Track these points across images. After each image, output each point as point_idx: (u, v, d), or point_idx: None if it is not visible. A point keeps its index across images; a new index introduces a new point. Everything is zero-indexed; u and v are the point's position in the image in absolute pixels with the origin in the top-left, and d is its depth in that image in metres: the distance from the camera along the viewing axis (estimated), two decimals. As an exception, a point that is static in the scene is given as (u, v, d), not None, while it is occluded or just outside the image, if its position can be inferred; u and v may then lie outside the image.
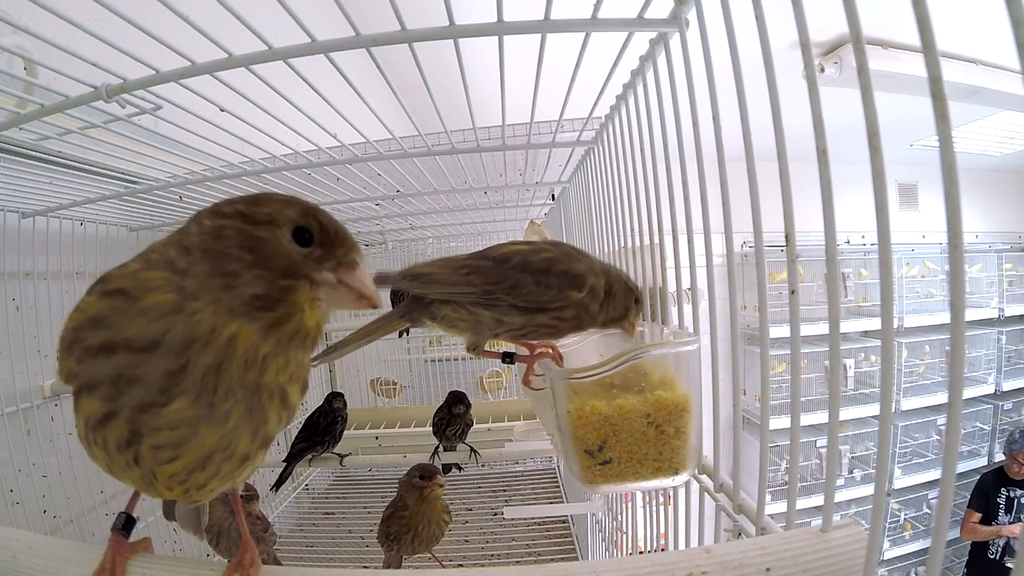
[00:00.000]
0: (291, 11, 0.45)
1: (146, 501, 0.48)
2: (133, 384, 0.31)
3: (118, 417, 0.32)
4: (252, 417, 0.34)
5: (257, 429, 0.34)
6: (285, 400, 0.35)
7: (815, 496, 3.21)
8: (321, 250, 0.33)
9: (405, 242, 1.85)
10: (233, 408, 0.33)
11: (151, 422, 0.32)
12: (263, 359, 0.32)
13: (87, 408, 0.33)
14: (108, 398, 0.32)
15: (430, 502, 0.94)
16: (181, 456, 0.33)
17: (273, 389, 0.34)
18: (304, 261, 0.32)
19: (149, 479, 0.35)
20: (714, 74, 0.44)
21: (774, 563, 0.35)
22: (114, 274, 0.34)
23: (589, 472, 0.51)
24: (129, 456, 0.33)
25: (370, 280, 0.34)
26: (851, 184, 1.19)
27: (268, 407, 0.34)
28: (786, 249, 0.38)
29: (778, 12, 0.38)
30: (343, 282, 0.33)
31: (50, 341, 0.88)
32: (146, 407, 0.32)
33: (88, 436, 0.34)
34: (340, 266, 0.34)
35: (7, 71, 0.55)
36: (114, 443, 0.33)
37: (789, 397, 0.96)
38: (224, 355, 0.31)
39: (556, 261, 0.56)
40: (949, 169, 0.26)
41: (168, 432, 0.32)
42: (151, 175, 0.82)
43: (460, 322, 0.57)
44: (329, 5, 0.46)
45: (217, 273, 0.31)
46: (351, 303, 0.33)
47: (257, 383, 0.33)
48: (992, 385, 3.82)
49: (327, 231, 0.33)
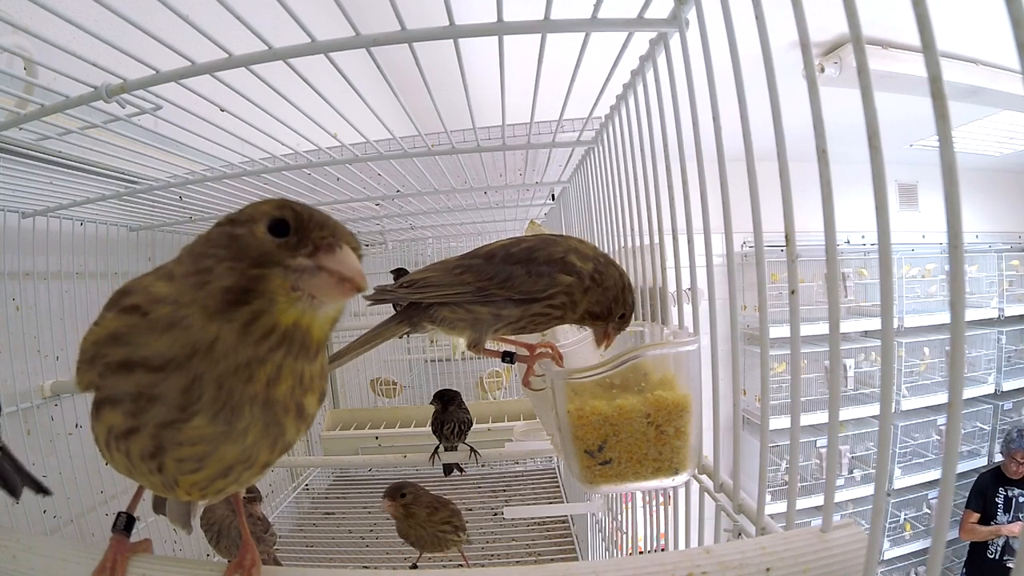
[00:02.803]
0: (291, 11, 0.45)
1: (145, 502, 0.48)
2: (154, 403, 0.31)
3: (142, 432, 0.32)
4: (270, 431, 0.33)
5: (276, 441, 0.34)
6: (302, 413, 0.34)
7: (815, 496, 3.21)
8: (297, 237, 0.31)
9: (405, 242, 1.85)
10: (251, 425, 0.32)
11: (174, 438, 0.32)
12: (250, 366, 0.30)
13: (110, 420, 0.33)
14: (131, 414, 0.32)
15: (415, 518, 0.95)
16: (204, 468, 0.34)
17: (288, 404, 0.33)
18: (277, 249, 0.30)
19: (171, 485, 0.35)
20: (714, 74, 0.44)
21: (774, 563, 0.35)
22: (132, 287, 0.34)
23: (589, 472, 0.51)
24: (153, 465, 0.34)
25: (354, 261, 0.31)
26: (851, 184, 1.19)
27: (285, 421, 0.34)
28: (786, 249, 0.38)
29: (778, 12, 0.38)
30: (322, 266, 0.30)
31: (50, 341, 0.88)
32: (168, 424, 0.32)
33: (110, 443, 0.34)
34: (318, 250, 0.31)
35: (7, 71, 0.55)
36: (138, 454, 0.33)
37: (789, 397, 0.96)
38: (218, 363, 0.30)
39: (536, 249, 0.56)
40: (949, 169, 0.26)
41: (190, 448, 0.32)
42: (151, 175, 0.82)
43: (459, 322, 0.58)
44: (329, 5, 0.46)
45: (192, 272, 0.31)
46: (332, 288, 0.30)
47: (268, 398, 0.32)
48: (992, 385, 3.81)
49: (302, 218, 0.31)
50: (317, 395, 0.35)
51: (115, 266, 1.01)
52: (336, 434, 1.50)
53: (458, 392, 1.21)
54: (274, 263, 0.30)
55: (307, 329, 0.31)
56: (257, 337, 0.30)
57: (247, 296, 0.30)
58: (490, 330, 0.58)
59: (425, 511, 0.96)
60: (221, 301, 0.30)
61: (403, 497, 0.96)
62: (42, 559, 0.41)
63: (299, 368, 0.32)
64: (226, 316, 0.30)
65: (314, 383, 0.34)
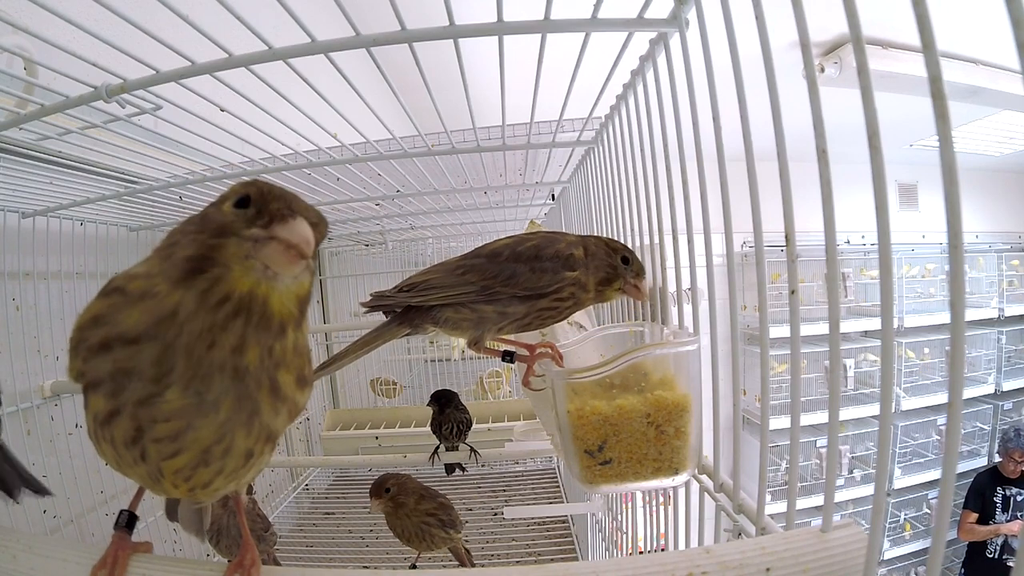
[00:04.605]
0: (291, 11, 0.45)
1: (146, 501, 0.48)
2: (130, 377, 0.32)
3: (122, 414, 0.33)
4: (242, 406, 0.33)
5: (251, 420, 0.34)
6: (277, 391, 0.34)
7: (815, 496, 3.21)
8: (255, 209, 0.32)
9: (405, 242, 1.85)
10: (221, 398, 0.33)
11: (150, 415, 0.32)
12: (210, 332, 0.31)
13: (95, 406, 0.34)
14: (111, 394, 0.33)
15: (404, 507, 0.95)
16: (182, 450, 0.34)
17: (260, 377, 0.33)
18: (235, 220, 0.32)
19: (156, 475, 0.35)
20: (714, 74, 0.44)
21: (774, 563, 0.35)
22: (118, 275, 0.35)
23: (589, 472, 0.51)
24: (136, 452, 0.34)
25: (304, 229, 0.32)
26: (851, 184, 1.19)
27: (258, 396, 0.34)
28: (786, 249, 0.38)
29: (778, 12, 0.38)
30: (272, 235, 0.31)
31: (50, 341, 0.88)
32: (145, 401, 0.32)
33: (97, 432, 0.35)
34: (272, 221, 0.32)
35: (7, 71, 0.55)
36: (121, 440, 0.34)
37: (789, 397, 0.96)
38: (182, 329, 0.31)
39: (542, 246, 0.57)
40: (949, 169, 0.26)
41: (164, 424, 0.33)
42: (151, 175, 0.82)
43: (464, 322, 0.58)
44: (329, 5, 0.46)
45: (165, 246, 0.33)
46: (280, 256, 0.31)
47: (236, 368, 0.32)
48: (992, 385, 3.82)
49: (263, 193, 0.33)
50: (294, 374, 0.35)
51: (115, 266, 1.01)
52: (336, 434, 1.50)
53: (456, 393, 1.20)
54: (231, 233, 0.32)
55: (264, 300, 0.32)
56: (213, 303, 0.31)
57: (205, 263, 0.31)
58: (495, 328, 0.58)
59: (412, 499, 0.95)
60: (182, 270, 0.31)
61: (387, 492, 0.95)
62: (42, 559, 0.41)
63: (265, 340, 0.33)
64: (186, 284, 0.31)
65: (287, 359, 0.34)
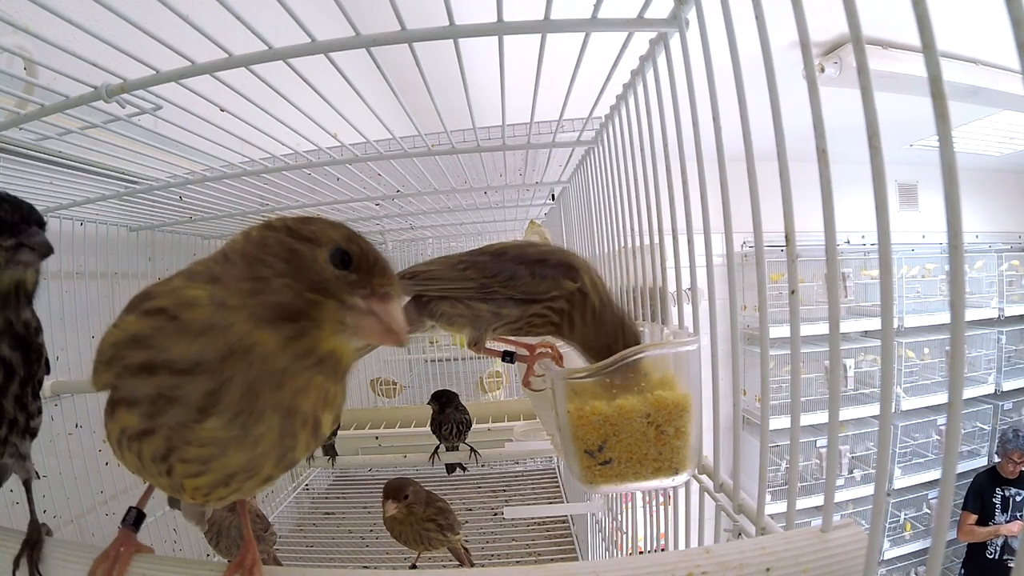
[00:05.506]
0: (291, 11, 0.45)
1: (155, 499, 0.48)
2: (173, 404, 0.31)
3: (156, 434, 0.32)
4: (283, 443, 0.33)
5: (284, 455, 0.34)
6: (317, 429, 0.34)
7: (815, 496, 3.21)
8: (357, 276, 0.32)
9: (405, 242, 1.85)
10: (265, 433, 0.32)
11: (184, 436, 0.32)
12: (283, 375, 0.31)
13: (124, 420, 0.33)
14: (147, 416, 0.32)
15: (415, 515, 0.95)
16: (206, 473, 0.33)
17: (307, 416, 0.33)
18: (336, 281, 0.31)
19: (177, 488, 0.35)
20: (714, 74, 0.44)
21: (774, 563, 0.35)
22: (155, 291, 0.34)
23: (589, 472, 0.51)
24: (162, 467, 0.34)
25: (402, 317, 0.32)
26: (851, 184, 1.19)
27: (300, 434, 0.34)
28: (786, 249, 0.38)
29: (778, 12, 0.38)
30: (372, 312, 0.32)
31: (50, 341, 0.88)
32: (183, 424, 0.32)
33: (122, 443, 0.34)
34: (373, 296, 0.32)
35: (7, 71, 0.55)
36: (149, 455, 0.33)
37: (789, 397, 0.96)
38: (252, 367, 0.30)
39: (552, 253, 0.58)
40: (949, 169, 0.26)
41: (196, 448, 0.32)
42: (151, 175, 0.82)
43: (459, 318, 0.58)
44: (329, 5, 0.46)
45: (247, 277, 0.31)
46: (376, 334, 0.32)
47: (291, 407, 0.32)
48: (992, 385, 3.81)
49: (367, 257, 0.32)
50: (334, 414, 0.35)
51: (115, 266, 1.01)
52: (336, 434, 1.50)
53: (456, 393, 1.20)
54: (332, 295, 0.31)
55: (340, 356, 0.33)
56: (297, 353, 0.31)
57: (298, 316, 0.31)
58: (489, 328, 0.58)
59: (422, 507, 0.96)
60: (272, 314, 0.30)
61: (406, 498, 0.95)
62: (42, 559, 0.40)
63: (326, 387, 0.33)
64: (272, 325, 0.30)
65: (335, 401, 0.35)
